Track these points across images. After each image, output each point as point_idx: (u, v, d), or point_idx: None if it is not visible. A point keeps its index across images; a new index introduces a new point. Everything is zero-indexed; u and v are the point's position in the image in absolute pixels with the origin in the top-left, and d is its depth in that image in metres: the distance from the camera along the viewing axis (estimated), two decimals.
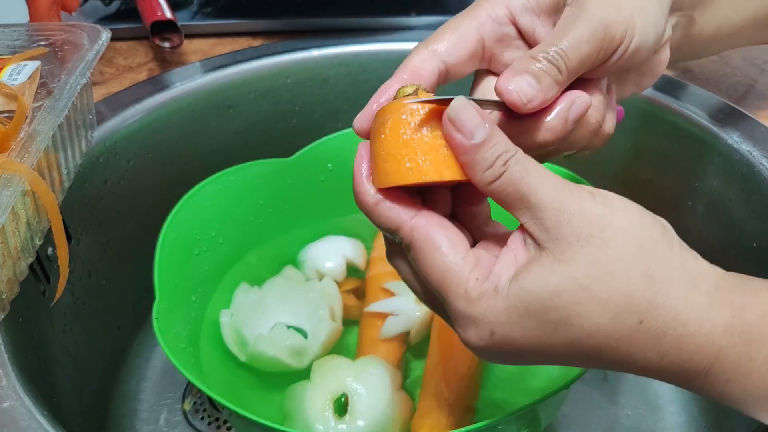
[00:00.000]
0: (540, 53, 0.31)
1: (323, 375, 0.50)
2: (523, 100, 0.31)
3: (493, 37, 0.35)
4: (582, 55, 0.32)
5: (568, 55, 0.32)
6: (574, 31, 0.32)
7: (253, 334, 0.52)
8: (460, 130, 0.28)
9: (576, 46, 0.32)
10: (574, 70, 0.32)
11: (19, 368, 0.39)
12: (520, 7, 0.35)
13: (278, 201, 0.61)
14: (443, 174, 0.29)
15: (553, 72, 0.31)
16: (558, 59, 0.31)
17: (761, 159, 0.51)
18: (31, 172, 0.38)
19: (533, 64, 0.31)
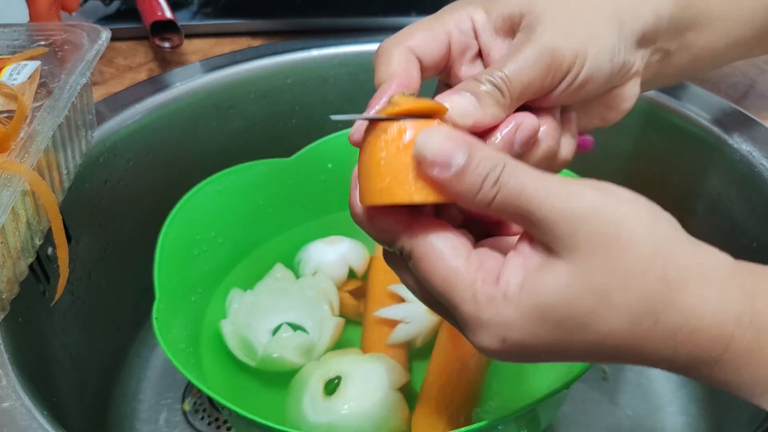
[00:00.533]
0: (484, 75, 0.32)
1: (329, 358, 0.50)
2: (461, 114, 0.30)
3: (459, 47, 0.35)
4: (525, 81, 0.32)
5: (511, 79, 0.32)
6: (520, 56, 0.32)
7: (260, 338, 0.52)
8: (434, 163, 0.27)
9: (520, 71, 0.32)
10: (517, 95, 0.32)
11: (19, 368, 0.39)
12: (482, 24, 0.35)
13: (278, 201, 0.61)
14: (413, 197, 0.27)
15: (496, 95, 0.31)
16: (501, 82, 0.31)
17: (761, 159, 0.51)
18: (31, 172, 0.38)
19: (476, 85, 0.31)
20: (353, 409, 0.46)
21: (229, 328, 0.53)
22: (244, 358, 0.52)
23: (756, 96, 0.60)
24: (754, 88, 0.61)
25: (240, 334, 0.52)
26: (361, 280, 0.59)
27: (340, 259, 0.58)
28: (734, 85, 0.61)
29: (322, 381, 0.48)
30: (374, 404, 0.46)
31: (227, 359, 0.53)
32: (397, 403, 0.47)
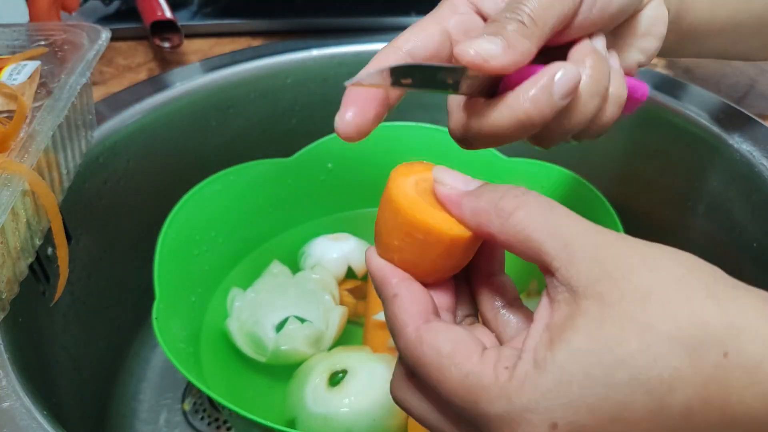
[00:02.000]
0: (500, 14, 0.29)
1: (339, 352, 0.51)
2: (483, 56, 0.27)
3: (460, 28, 0.32)
4: (544, 3, 0.29)
5: (529, 5, 0.28)
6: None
7: (269, 333, 0.52)
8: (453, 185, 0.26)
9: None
10: (542, 21, 0.28)
11: (19, 368, 0.39)
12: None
13: (278, 201, 0.61)
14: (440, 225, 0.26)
15: (517, 26, 0.28)
16: (519, 12, 0.28)
17: (761, 159, 0.51)
18: (31, 172, 0.38)
19: (494, 25, 0.28)
20: (352, 405, 0.46)
21: (236, 326, 0.53)
22: (253, 354, 0.52)
23: (756, 96, 0.60)
24: (754, 88, 0.61)
25: (247, 331, 0.52)
26: (360, 281, 0.59)
27: (341, 258, 0.58)
28: (734, 85, 0.60)
29: (328, 372, 0.48)
30: (374, 404, 0.46)
31: (227, 359, 0.53)
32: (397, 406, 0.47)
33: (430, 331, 0.25)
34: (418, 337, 0.25)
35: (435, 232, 0.26)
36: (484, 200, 0.25)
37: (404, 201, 0.27)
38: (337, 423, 0.45)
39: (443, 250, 0.27)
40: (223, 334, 0.54)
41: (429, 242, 0.27)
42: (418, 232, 0.27)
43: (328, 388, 0.47)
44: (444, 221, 0.27)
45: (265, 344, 0.51)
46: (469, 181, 0.27)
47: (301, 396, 0.47)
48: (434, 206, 0.27)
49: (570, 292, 0.23)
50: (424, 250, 0.27)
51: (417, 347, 0.25)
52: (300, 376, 0.49)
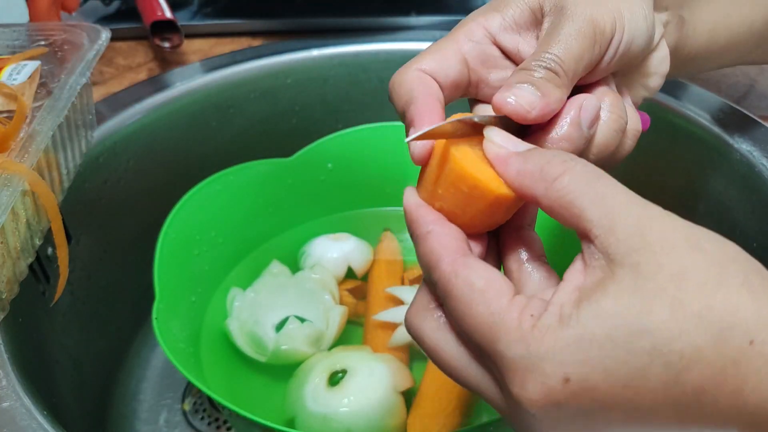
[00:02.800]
0: (532, 62, 0.30)
1: (339, 351, 0.50)
2: (526, 108, 0.29)
3: (477, 58, 0.33)
4: (576, 54, 0.30)
5: (562, 57, 0.30)
6: (562, 33, 0.31)
7: (269, 333, 0.52)
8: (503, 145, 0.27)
9: (568, 47, 0.30)
10: (572, 72, 0.30)
11: (18, 368, 0.39)
12: (498, 27, 0.33)
13: (278, 201, 0.61)
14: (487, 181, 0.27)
15: (551, 76, 0.30)
16: (552, 63, 0.30)
17: (761, 159, 0.51)
18: (31, 172, 0.38)
19: (527, 74, 0.30)
20: (352, 405, 0.46)
21: (236, 326, 0.53)
22: (253, 354, 0.52)
23: (756, 96, 0.60)
24: (754, 88, 0.61)
25: (248, 330, 0.52)
26: (360, 281, 0.59)
27: (341, 257, 0.58)
28: (734, 85, 0.60)
29: (328, 371, 0.48)
30: (373, 404, 0.46)
31: (227, 359, 0.53)
32: (397, 405, 0.47)
33: (467, 266, 0.25)
34: (453, 270, 0.25)
35: (481, 187, 0.27)
36: (531, 163, 0.26)
37: (456, 152, 0.27)
38: (337, 422, 0.45)
39: (486, 206, 0.27)
40: (223, 334, 0.54)
41: (473, 196, 0.27)
42: (465, 184, 0.27)
43: (328, 388, 0.47)
44: (492, 179, 0.27)
45: (265, 344, 0.51)
46: (519, 143, 0.27)
47: (300, 395, 0.47)
48: (485, 162, 0.27)
49: (607, 260, 0.23)
50: (467, 203, 0.27)
51: (451, 279, 0.25)
52: (300, 375, 0.49)
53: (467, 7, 0.74)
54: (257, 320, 0.52)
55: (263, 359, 0.51)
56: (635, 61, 0.34)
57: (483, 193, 0.27)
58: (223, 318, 0.54)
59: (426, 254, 0.27)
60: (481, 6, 0.36)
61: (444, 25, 0.71)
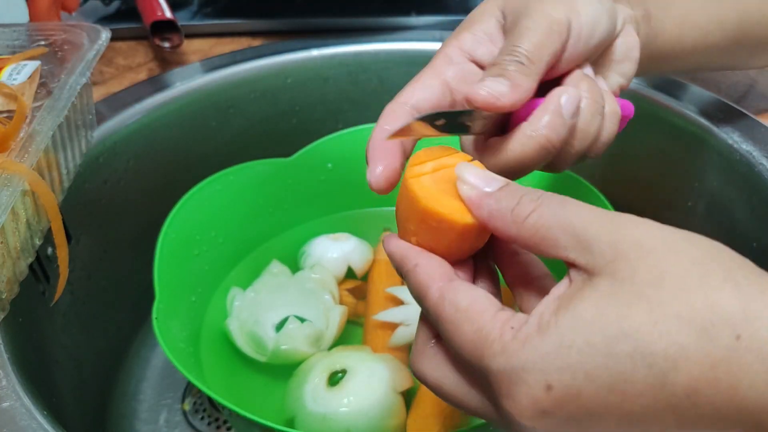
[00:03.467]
0: (499, 57, 0.32)
1: (338, 351, 0.50)
2: (495, 96, 0.30)
3: (458, 78, 0.35)
4: (537, 43, 0.32)
5: (525, 47, 0.31)
6: (521, 28, 0.32)
7: (269, 333, 0.52)
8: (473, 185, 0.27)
9: (528, 38, 0.32)
10: (537, 59, 0.32)
11: (18, 368, 0.39)
12: (471, 43, 0.35)
13: (278, 201, 0.61)
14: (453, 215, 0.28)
15: (518, 66, 0.31)
16: (518, 54, 0.31)
17: (761, 159, 0.51)
18: (31, 172, 0.38)
19: (497, 68, 0.31)
20: (351, 405, 0.46)
21: (236, 326, 0.53)
22: (253, 354, 0.52)
23: (756, 96, 0.60)
24: (754, 88, 0.61)
25: (248, 330, 0.52)
26: (360, 281, 0.59)
27: (341, 258, 0.58)
28: (734, 85, 0.60)
29: (328, 371, 0.48)
30: (373, 404, 0.46)
31: (227, 359, 0.53)
32: (396, 405, 0.47)
33: (451, 289, 0.26)
34: (440, 296, 0.26)
35: (447, 220, 0.28)
36: (503, 204, 0.26)
37: (418, 190, 0.28)
38: (336, 422, 0.45)
39: (456, 236, 0.28)
40: (223, 333, 0.54)
41: (442, 229, 0.28)
42: (432, 220, 0.28)
43: (328, 388, 0.47)
44: (456, 210, 0.28)
45: (265, 344, 0.51)
46: (490, 180, 0.28)
47: (300, 395, 0.47)
48: (448, 193, 0.28)
49: (587, 274, 0.24)
50: (439, 235, 0.28)
51: (439, 304, 0.26)
52: (299, 375, 0.49)
53: (467, 7, 0.74)
54: (257, 320, 0.52)
55: (263, 359, 0.51)
56: (600, 48, 0.35)
57: (451, 225, 0.28)
58: (223, 318, 0.54)
59: (416, 286, 0.28)
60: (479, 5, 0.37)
61: (444, 25, 0.71)
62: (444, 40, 0.37)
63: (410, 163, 0.30)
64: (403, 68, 0.67)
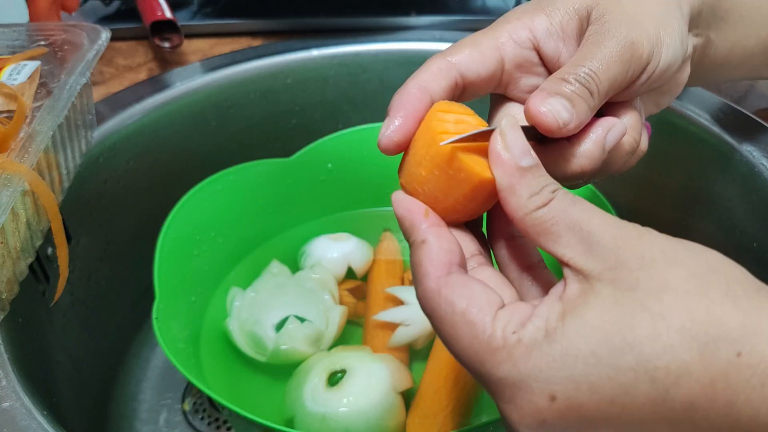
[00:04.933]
0: (570, 75, 0.30)
1: (338, 351, 0.51)
2: (558, 124, 0.28)
3: (514, 61, 0.32)
4: (611, 77, 0.30)
5: (599, 76, 0.30)
6: (602, 51, 0.30)
7: (269, 333, 0.52)
8: (511, 150, 0.26)
9: (605, 67, 0.30)
10: (605, 92, 0.30)
11: (18, 368, 0.39)
12: (544, 32, 0.32)
13: (278, 201, 0.61)
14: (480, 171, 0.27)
15: (585, 95, 0.29)
16: (589, 81, 0.30)
17: (761, 159, 0.51)
18: (30, 172, 0.38)
19: (565, 86, 0.29)
20: (351, 405, 0.46)
21: (236, 326, 0.53)
22: (253, 354, 0.52)
23: (756, 96, 0.60)
24: (754, 88, 0.61)
25: (248, 330, 0.52)
26: (360, 281, 0.59)
27: (341, 258, 0.58)
28: (734, 85, 0.60)
29: (327, 371, 0.48)
30: (372, 404, 0.46)
31: (227, 359, 0.53)
32: (396, 406, 0.47)
33: (449, 285, 0.25)
34: (436, 289, 0.25)
35: (466, 169, 0.27)
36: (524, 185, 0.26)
37: (443, 134, 0.27)
38: (335, 422, 0.45)
39: (469, 190, 0.27)
40: (223, 333, 0.54)
41: (458, 179, 0.27)
42: (450, 167, 0.27)
43: (327, 388, 0.47)
44: (476, 162, 0.27)
45: (265, 343, 0.51)
46: (526, 152, 0.26)
47: (299, 395, 0.47)
48: (468, 147, 0.27)
49: (584, 277, 0.24)
50: (451, 185, 0.27)
51: (434, 298, 0.25)
52: (299, 375, 0.49)
53: (467, 7, 0.74)
54: (257, 320, 0.52)
55: (263, 359, 0.51)
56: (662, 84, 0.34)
57: (468, 175, 0.27)
58: (223, 318, 0.54)
59: (415, 264, 0.27)
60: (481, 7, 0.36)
61: (444, 25, 0.71)
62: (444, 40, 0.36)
63: (434, 108, 0.29)
64: (403, 68, 0.67)
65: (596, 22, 0.32)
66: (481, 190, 0.27)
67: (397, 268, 0.59)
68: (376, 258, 0.60)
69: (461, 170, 0.27)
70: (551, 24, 0.32)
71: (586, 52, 0.31)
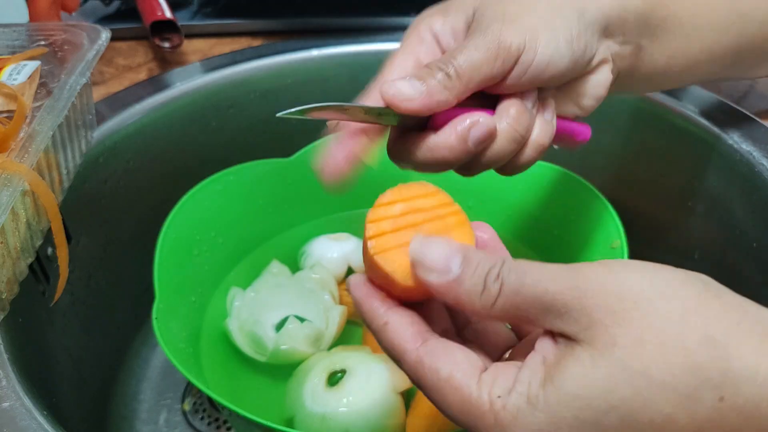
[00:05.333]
0: (434, 62, 0.32)
1: (338, 351, 0.51)
2: (400, 99, 0.31)
3: (428, 58, 0.36)
4: (473, 63, 0.32)
5: (459, 62, 0.32)
6: (469, 43, 0.33)
7: (269, 333, 0.52)
8: (433, 269, 0.26)
9: (468, 55, 0.32)
10: (467, 78, 0.32)
11: (18, 368, 0.39)
12: (439, 28, 0.36)
13: (278, 201, 0.61)
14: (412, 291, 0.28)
15: (441, 77, 0.32)
16: (447, 66, 0.32)
17: (761, 159, 0.51)
18: (31, 172, 0.38)
19: (426, 71, 0.32)
20: (350, 405, 0.46)
21: (236, 326, 0.53)
22: (253, 354, 0.52)
23: (756, 96, 0.60)
24: (754, 88, 0.61)
25: (247, 330, 0.52)
26: None
27: (341, 258, 0.58)
28: (734, 85, 0.60)
29: (327, 371, 0.48)
30: (372, 404, 0.46)
31: (227, 359, 0.53)
32: (395, 406, 0.47)
33: (429, 353, 0.26)
34: (418, 360, 0.26)
35: (391, 278, 0.28)
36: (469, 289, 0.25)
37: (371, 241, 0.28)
38: (335, 422, 0.45)
39: (403, 291, 0.28)
40: (223, 333, 0.54)
41: (390, 283, 0.28)
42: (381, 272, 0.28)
43: (327, 388, 0.47)
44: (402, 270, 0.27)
45: (265, 343, 0.51)
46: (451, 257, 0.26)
47: (299, 395, 0.47)
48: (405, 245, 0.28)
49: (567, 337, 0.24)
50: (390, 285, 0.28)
51: (418, 369, 0.26)
52: (299, 375, 0.49)
53: None
54: (257, 320, 0.52)
55: (263, 359, 0.51)
56: (557, 81, 0.35)
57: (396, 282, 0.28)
58: (223, 318, 0.54)
59: (389, 347, 0.27)
60: None
61: None
62: None
63: (377, 202, 0.29)
64: None
65: (475, 23, 0.35)
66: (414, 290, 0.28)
67: None
68: None
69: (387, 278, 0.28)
70: (444, 24, 0.36)
71: (458, 44, 0.34)
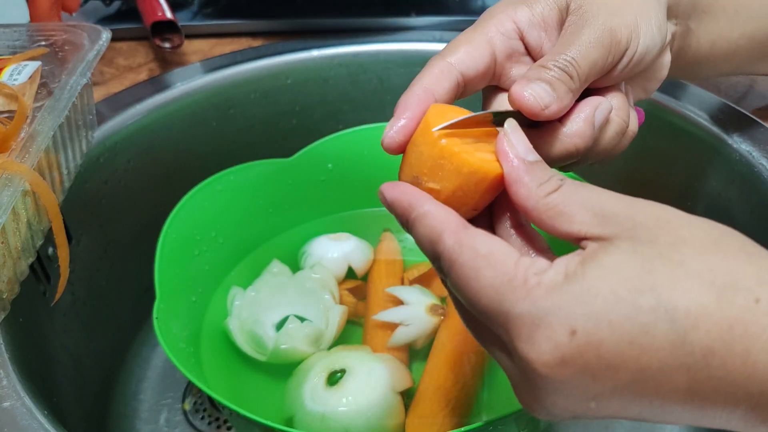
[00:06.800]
0: (550, 62, 0.31)
1: (338, 351, 0.51)
2: (540, 106, 0.30)
3: (504, 52, 0.34)
4: (591, 62, 0.32)
5: (578, 62, 0.32)
6: (580, 39, 0.32)
7: (269, 332, 0.52)
8: (515, 146, 0.27)
9: (584, 53, 0.32)
10: (584, 77, 0.32)
11: (19, 368, 0.39)
12: (527, 22, 0.34)
13: (278, 201, 0.61)
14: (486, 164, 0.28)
15: (566, 79, 0.31)
16: (568, 66, 0.31)
17: (761, 159, 0.51)
18: (31, 173, 0.38)
19: (545, 72, 0.31)
20: (350, 404, 0.46)
21: (236, 325, 0.53)
22: (253, 353, 0.52)
23: (756, 96, 0.60)
24: (754, 88, 0.61)
25: (248, 330, 0.52)
26: (360, 281, 0.59)
27: (341, 258, 0.58)
28: (734, 85, 0.61)
29: (327, 371, 0.48)
30: (371, 403, 0.46)
31: (227, 358, 0.53)
32: (395, 405, 0.47)
33: (470, 235, 0.26)
34: (457, 241, 0.26)
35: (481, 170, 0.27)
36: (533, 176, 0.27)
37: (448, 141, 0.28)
38: (335, 422, 0.45)
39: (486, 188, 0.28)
40: (224, 333, 0.54)
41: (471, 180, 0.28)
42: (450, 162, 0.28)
43: (327, 387, 0.47)
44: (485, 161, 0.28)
45: (266, 343, 0.51)
46: (530, 150, 0.28)
47: (299, 394, 0.47)
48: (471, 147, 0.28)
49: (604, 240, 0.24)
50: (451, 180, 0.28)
51: (455, 249, 0.26)
52: (299, 374, 0.49)
53: (466, 8, 0.74)
54: (257, 319, 0.53)
55: (263, 358, 0.52)
56: (646, 68, 0.36)
57: (485, 175, 0.28)
58: (223, 317, 0.54)
59: (427, 231, 0.27)
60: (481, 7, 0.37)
61: (444, 26, 0.71)
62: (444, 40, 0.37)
63: (431, 112, 0.29)
64: (402, 69, 0.67)
65: (574, 13, 0.34)
66: (494, 184, 0.28)
67: (397, 268, 0.59)
68: (376, 258, 0.60)
69: (475, 173, 0.28)
70: (533, 15, 0.34)
71: (566, 41, 0.33)
